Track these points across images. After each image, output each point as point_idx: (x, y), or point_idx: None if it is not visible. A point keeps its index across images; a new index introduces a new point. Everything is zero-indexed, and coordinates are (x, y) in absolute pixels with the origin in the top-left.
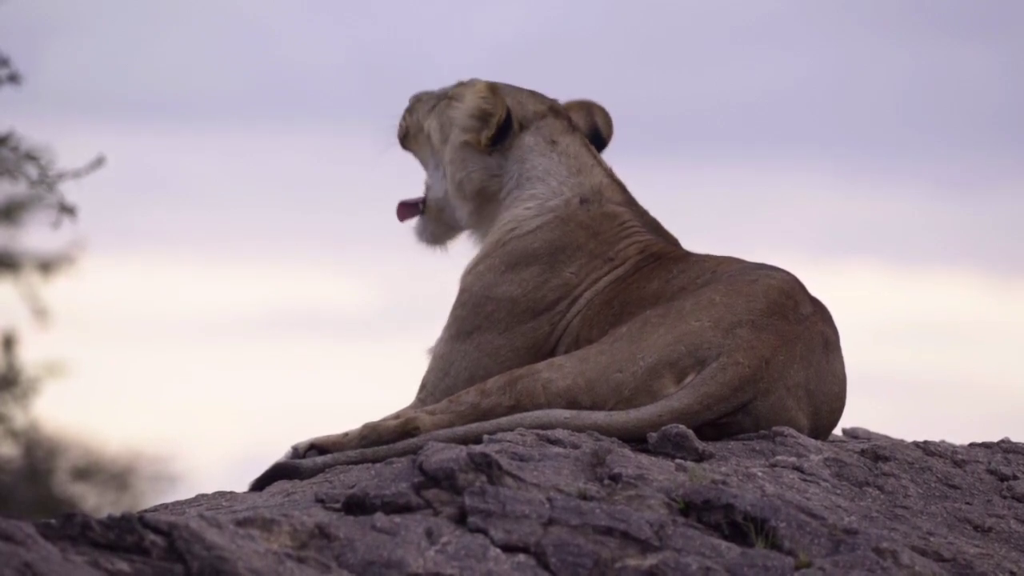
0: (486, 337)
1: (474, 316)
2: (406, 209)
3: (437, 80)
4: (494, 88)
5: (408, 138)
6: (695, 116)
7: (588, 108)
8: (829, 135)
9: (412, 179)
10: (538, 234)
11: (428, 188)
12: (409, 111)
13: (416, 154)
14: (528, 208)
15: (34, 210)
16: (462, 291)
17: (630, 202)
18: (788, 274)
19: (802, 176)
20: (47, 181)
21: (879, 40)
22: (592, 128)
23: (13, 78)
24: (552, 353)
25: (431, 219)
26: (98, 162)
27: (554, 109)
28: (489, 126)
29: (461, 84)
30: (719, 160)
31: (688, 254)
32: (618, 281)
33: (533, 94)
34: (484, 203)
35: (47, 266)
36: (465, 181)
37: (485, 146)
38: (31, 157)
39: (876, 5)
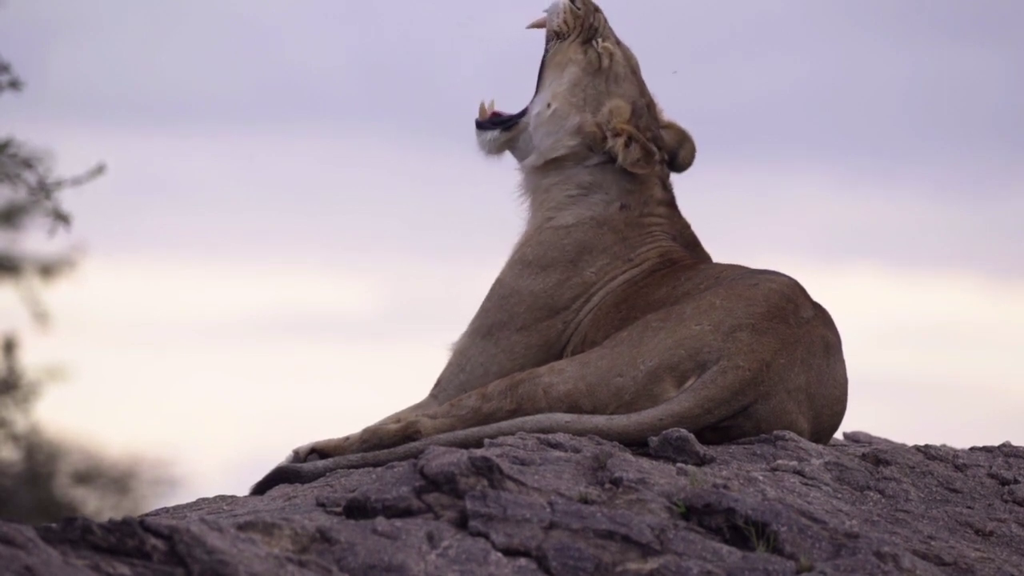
0: (504, 333)
1: (498, 310)
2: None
3: (439, 82)
4: (649, 157)
5: (557, 40)
6: (693, 119)
7: (682, 137)
8: (829, 138)
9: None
10: (572, 233)
11: (528, 111)
12: (577, 15)
13: (548, 56)
14: (570, 195)
15: (33, 215)
16: (497, 280)
17: (671, 215)
18: (789, 278)
19: (802, 179)
20: (45, 188)
21: (880, 43)
22: (673, 153)
23: (14, 84)
24: (562, 351)
25: (508, 137)
26: (98, 170)
27: (660, 147)
28: (608, 150)
29: (610, 72)
30: (718, 163)
31: (699, 263)
32: (632, 282)
33: (660, 135)
34: (547, 170)
35: (48, 269)
36: (552, 149)
37: (597, 142)
38: (28, 164)
39: (876, 7)
